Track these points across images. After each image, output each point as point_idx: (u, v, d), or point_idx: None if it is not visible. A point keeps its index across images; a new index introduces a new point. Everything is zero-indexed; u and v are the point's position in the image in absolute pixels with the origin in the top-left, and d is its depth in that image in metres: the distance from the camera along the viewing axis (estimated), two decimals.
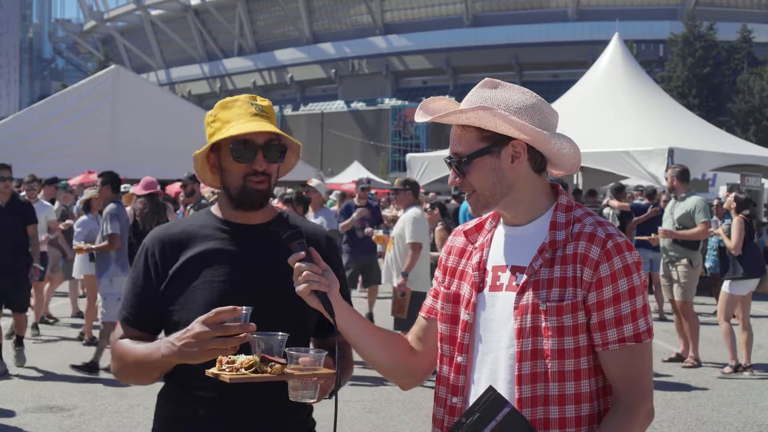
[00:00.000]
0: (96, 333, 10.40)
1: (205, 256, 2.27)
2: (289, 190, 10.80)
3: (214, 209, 2.38)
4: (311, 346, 2.39)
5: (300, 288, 2.02)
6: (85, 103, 20.02)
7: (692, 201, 9.09)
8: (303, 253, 2.05)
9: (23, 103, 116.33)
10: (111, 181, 8.58)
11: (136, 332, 2.30)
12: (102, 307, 8.40)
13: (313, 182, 9.55)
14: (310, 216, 10.40)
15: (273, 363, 2.03)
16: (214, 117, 2.30)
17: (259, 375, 2.02)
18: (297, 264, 2.04)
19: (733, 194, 9.38)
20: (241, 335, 2.00)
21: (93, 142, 19.45)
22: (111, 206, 8.48)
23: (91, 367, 8.20)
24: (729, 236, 8.90)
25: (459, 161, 2.06)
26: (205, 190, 11.08)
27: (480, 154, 2.04)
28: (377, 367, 2.21)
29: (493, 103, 2.03)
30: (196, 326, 2.02)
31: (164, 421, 2.35)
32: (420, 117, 2.11)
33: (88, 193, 10.29)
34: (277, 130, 2.25)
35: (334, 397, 2.08)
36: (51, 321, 11.21)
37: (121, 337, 2.31)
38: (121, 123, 19.75)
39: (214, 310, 2.01)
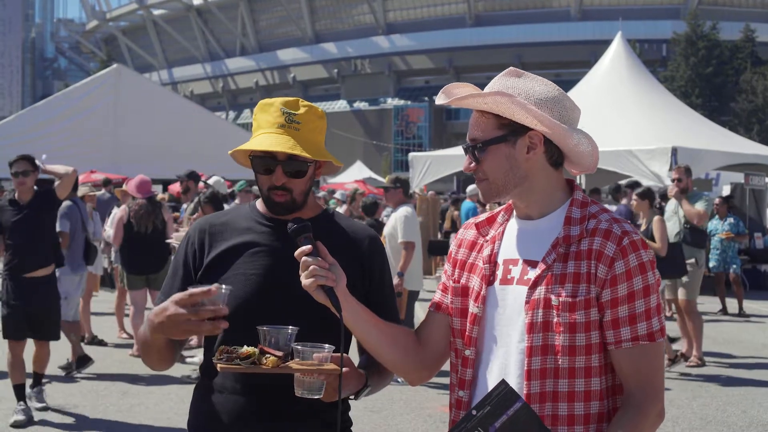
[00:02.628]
0: (97, 332, 10.39)
1: (241, 248, 2.28)
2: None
3: (258, 205, 2.38)
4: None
5: (306, 282, 1.99)
6: (87, 103, 20.01)
7: (699, 198, 9.17)
8: (309, 246, 2.02)
9: (26, 103, 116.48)
10: None
11: None
12: None
13: (213, 180, 9.51)
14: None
15: (269, 355, 2.01)
16: (254, 115, 2.33)
17: (252, 367, 2.00)
18: (303, 258, 2.01)
19: (633, 195, 8.94)
20: (218, 324, 2.00)
21: (95, 141, 19.46)
22: (64, 204, 8.31)
23: (80, 362, 8.15)
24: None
25: (474, 147, 2.04)
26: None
27: (496, 141, 2.02)
28: (385, 362, 2.18)
29: (515, 91, 2.01)
30: (170, 307, 2.02)
31: (194, 413, 2.36)
32: (440, 99, 2.10)
33: (82, 191, 10.35)
34: (289, 150, 2.19)
35: (338, 399, 2.05)
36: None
37: None
38: (123, 122, 19.75)
39: (187, 292, 2.01)
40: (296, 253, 2.03)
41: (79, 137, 19.37)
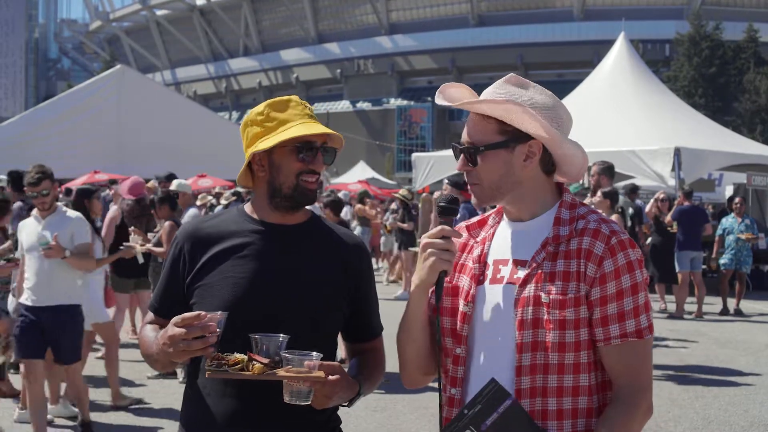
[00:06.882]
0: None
1: (231, 252, 2.30)
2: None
3: (247, 209, 2.40)
4: (343, 349, 2.48)
5: (428, 262, 2.03)
6: (90, 103, 20.05)
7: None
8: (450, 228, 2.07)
9: (29, 104, 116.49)
10: (14, 181, 8.23)
11: (161, 320, 2.36)
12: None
13: (174, 184, 9.52)
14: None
15: (255, 362, 2.04)
16: (265, 116, 2.32)
17: (239, 373, 2.04)
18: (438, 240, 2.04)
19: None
20: (207, 340, 2.03)
21: (99, 142, 19.49)
22: (15, 206, 8.16)
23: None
24: None
25: (472, 149, 2.07)
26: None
27: (496, 146, 2.05)
28: (405, 357, 2.22)
29: (521, 100, 2.05)
30: (170, 329, 2.08)
31: (185, 416, 2.39)
32: (441, 100, 2.13)
33: None
34: (337, 133, 2.33)
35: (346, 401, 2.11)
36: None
37: (149, 322, 2.41)
38: (126, 123, 19.79)
39: (179, 317, 2.07)
40: (436, 231, 2.03)
41: (82, 138, 19.40)
